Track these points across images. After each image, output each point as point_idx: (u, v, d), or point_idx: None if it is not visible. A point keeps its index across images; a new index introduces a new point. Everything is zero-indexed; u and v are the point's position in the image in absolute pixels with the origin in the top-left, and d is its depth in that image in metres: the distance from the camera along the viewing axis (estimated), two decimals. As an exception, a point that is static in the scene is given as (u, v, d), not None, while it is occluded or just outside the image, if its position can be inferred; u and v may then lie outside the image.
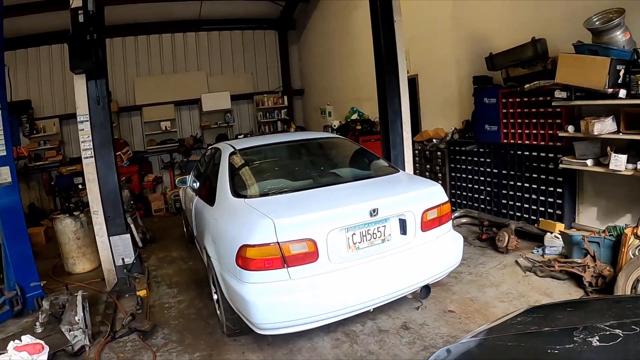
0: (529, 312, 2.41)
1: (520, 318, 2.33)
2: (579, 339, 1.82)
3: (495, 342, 2.17)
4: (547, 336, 2.04)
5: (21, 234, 5.89)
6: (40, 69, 13.38)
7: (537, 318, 2.35)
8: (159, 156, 14.37)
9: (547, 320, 2.28)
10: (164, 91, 14.22)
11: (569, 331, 1.93)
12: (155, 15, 13.77)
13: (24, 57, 13.15)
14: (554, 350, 1.82)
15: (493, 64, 6.96)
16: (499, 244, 6.23)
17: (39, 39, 12.99)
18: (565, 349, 1.80)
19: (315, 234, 3.85)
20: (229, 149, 5.45)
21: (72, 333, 4.47)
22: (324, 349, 4.30)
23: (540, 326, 2.17)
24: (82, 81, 6.04)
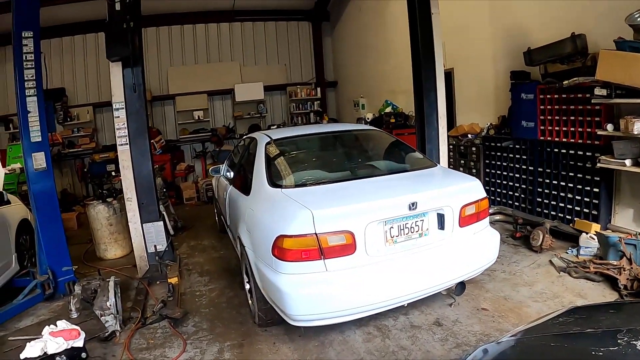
0: (570, 313, 2.35)
1: (562, 318, 2.27)
2: (622, 341, 1.77)
3: (537, 342, 2.12)
4: (590, 338, 1.99)
5: (55, 219, 5.96)
6: (74, 57, 13.59)
7: (580, 319, 2.30)
8: (192, 145, 14.52)
9: (590, 321, 2.23)
10: (197, 81, 14.30)
11: (612, 333, 1.87)
12: (190, 5, 13.88)
13: (59, 46, 13.38)
14: (598, 352, 1.76)
15: (531, 59, 6.82)
16: (533, 242, 6.11)
17: (74, 28, 13.20)
18: (610, 351, 1.74)
19: (353, 226, 3.80)
20: (265, 139, 5.43)
21: (103, 318, 4.51)
22: (356, 342, 4.26)
23: (583, 327, 2.13)
24: (119, 69, 6.10)
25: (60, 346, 3.04)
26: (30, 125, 5.71)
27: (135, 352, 4.41)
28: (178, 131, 14.61)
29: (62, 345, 3.05)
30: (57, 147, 12.72)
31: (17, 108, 5.70)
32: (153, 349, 4.45)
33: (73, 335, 3.14)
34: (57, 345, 3.04)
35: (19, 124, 5.77)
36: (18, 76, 5.63)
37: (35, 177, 5.80)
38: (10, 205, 6.58)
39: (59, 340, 3.06)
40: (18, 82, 5.63)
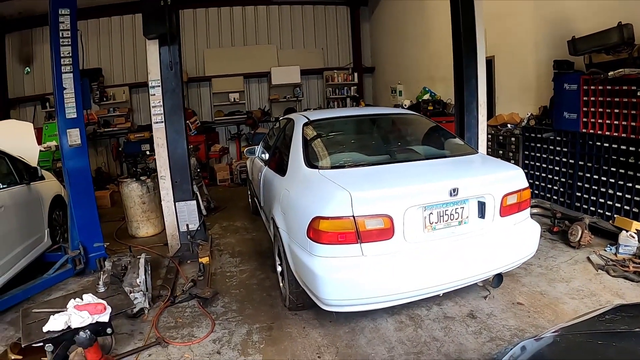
0: (617, 311, 2.23)
1: (609, 316, 2.16)
2: None
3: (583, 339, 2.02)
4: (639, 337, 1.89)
5: (88, 195, 5.99)
6: (111, 38, 13.78)
7: (627, 317, 2.18)
8: (226, 127, 14.64)
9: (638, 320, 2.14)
10: (234, 63, 14.33)
11: None
12: (227, -13, 13.87)
13: (96, 27, 13.58)
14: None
15: (575, 49, 6.62)
16: (571, 238, 5.93)
17: (111, 9, 13.34)
18: None
19: (392, 210, 3.70)
20: (302, 120, 5.34)
21: (132, 295, 4.49)
22: (387, 330, 4.17)
23: (631, 326, 2.03)
24: (155, 47, 6.08)
25: (84, 320, 2.98)
26: (66, 102, 5.74)
27: (163, 330, 4.40)
28: (213, 113, 14.67)
29: (86, 320, 2.99)
30: (93, 126, 12.98)
31: (53, 85, 5.73)
32: (181, 328, 4.44)
33: (98, 309, 3.07)
34: (82, 319, 2.98)
35: (55, 100, 5.78)
36: (54, 53, 5.64)
37: (70, 153, 5.83)
38: (45, 181, 6.66)
39: (83, 314, 3.00)
40: (54, 59, 5.65)
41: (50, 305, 3.69)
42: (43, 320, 3.20)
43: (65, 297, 3.87)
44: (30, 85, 13.44)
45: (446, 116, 9.82)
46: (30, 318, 3.49)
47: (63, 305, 3.34)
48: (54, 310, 3.26)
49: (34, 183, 6.23)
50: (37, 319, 3.40)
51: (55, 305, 3.59)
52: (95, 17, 13.39)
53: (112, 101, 13.68)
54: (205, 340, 4.20)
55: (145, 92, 5.91)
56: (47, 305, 3.76)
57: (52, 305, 3.61)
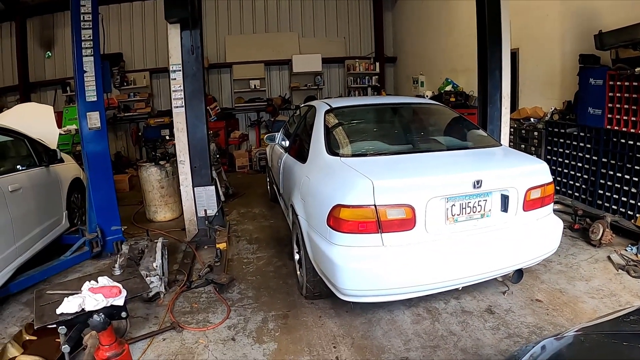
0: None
1: (634, 317, 2.07)
2: None
3: (607, 340, 1.95)
4: None
5: (106, 178, 6.01)
6: (132, 23, 13.82)
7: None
8: (247, 114, 14.61)
9: None
10: (255, 50, 14.33)
11: None
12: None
13: (117, 12, 13.62)
14: None
15: (602, 43, 6.48)
16: (592, 236, 5.83)
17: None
18: None
19: (415, 200, 3.63)
20: (324, 107, 5.29)
21: (148, 279, 4.49)
22: (404, 323, 4.13)
23: None
24: (176, 31, 6.05)
25: (99, 303, 2.94)
26: (86, 85, 5.73)
27: (178, 315, 4.40)
28: (233, 99, 14.66)
29: (100, 303, 2.94)
30: (113, 110, 13.06)
31: (74, 68, 5.73)
32: (196, 313, 4.43)
33: (113, 292, 3.03)
34: (96, 302, 2.93)
35: (75, 83, 5.79)
36: (75, 36, 5.64)
37: (89, 136, 5.84)
38: (64, 163, 6.69)
39: (98, 297, 2.96)
40: (75, 42, 5.65)
41: (65, 287, 3.66)
42: (57, 302, 3.15)
43: (80, 279, 3.83)
44: (51, 69, 13.54)
45: (468, 108, 9.70)
46: (43, 299, 3.45)
47: (78, 288, 3.29)
48: (68, 292, 3.22)
49: (53, 165, 6.26)
50: (51, 300, 3.36)
51: (70, 287, 3.55)
52: (116, 3, 13.47)
53: (132, 86, 13.75)
54: (221, 326, 4.19)
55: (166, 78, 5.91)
56: (62, 287, 3.72)
57: (67, 287, 3.58)
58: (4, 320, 4.46)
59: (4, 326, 4.33)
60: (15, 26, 13.13)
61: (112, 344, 2.66)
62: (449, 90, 10.79)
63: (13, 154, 5.89)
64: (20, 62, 13.24)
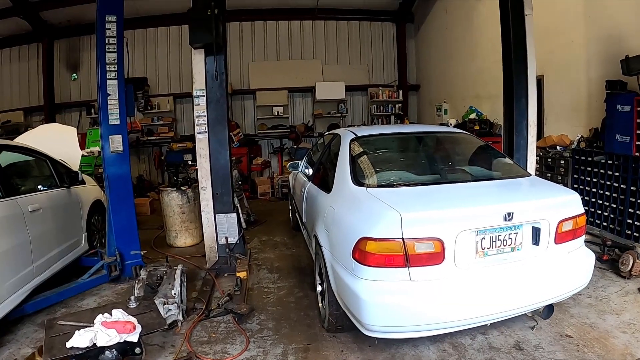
0: None
1: None
2: None
3: None
4: None
5: (127, 202, 6.03)
6: (157, 48, 14.10)
7: None
8: (269, 141, 14.70)
9: None
10: (278, 77, 14.45)
11: None
12: (273, 2, 14.09)
13: (143, 37, 13.94)
14: None
15: (629, 68, 6.41)
16: (622, 267, 5.66)
17: (158, 20, 13.71)
18: None
19: (444, 233, 3.53)
20: (350, 135, 5.23)
21: (166, 307, 4.44)
22: (429, 359, 3.98)
23: None
24: (201, 56, 6.08)
25: (111, 339, 2.86)
26: (110, 108, 5.80)
27: (196, 344, 4.31)
28: (257, 126, 14.78)
29: (113, 339, 2.86)
30: (136, 134, 13.24)
31: (98, 90, 5.80)
32: (214, 344, 4.33)
33: (127, 328, 2.95)
34: (109, 337, 2.85)
35: (99, 106, 5.86)
36: (100, 59, 5.72)
37: (111, 159, 5.88)
38: (85, 185, 6.72)
39: (111, 332, 2.88)
40: (100, 65, 5.73)
41: (77, 318, 3.60)
42: (68, 334, 3.08)
43: (94, 310, 3.78)
44: (77, 91, 13.79)
45: (493, 136, 9.66)
46: (54, 330, 3.40)
47: (90, 319, 3.22)
48: (80, 325, 3.15)
49: (74, 187, 6.28)
50: (62, 332, 3.29)
51: (83, 318, 3.48)
52: (142, 28, 13.74)
53: (156, 110, 13.94)
54: (239, 358, 4.08)
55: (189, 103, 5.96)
56: (74, 317, 3.67)
57: (79, 319, 3.51)
58: (17, 340, 4.41)
59: (17, 347, 4.27)
60: (42, 47, 13.48)
61: None
62: (472, 119, 10.69)
63: (34, 174, 5.94)
64: (46, 83, 13.56)
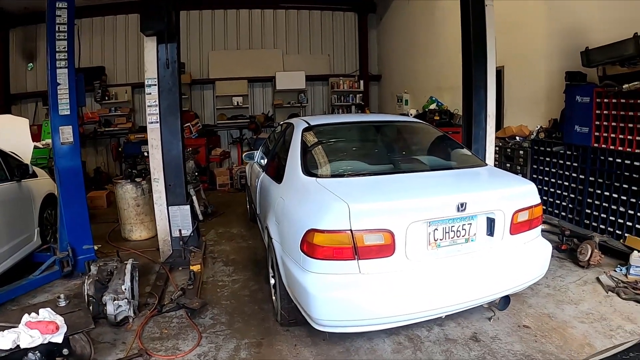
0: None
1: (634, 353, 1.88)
2: None
3: None
4: None
5: (79, 195, 5.90)
6: (116, 37, 13.76)
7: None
8: (229, 131, 14.58)
9: None
10: (238, 67, 14.32)
11: None
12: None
13: (101, 25, 13.58)
14: None
15: (589, 60, 6.44)
16: (580, 257, 5.71)
17: (115, 8, 13.32)
18: None
19: (394, 225, 3.45)
20: (302, 124, 5.16)
21: (116, 302, 4.35)
22: (384, 352, 3.94)
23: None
24: (153, 44, 5.97)
25: (34, 340, 2.72)
26: (60, 98, 5.68)
27: (147, 341, 4.21)
28: (216, 116, 14.64)
29: (36, 340, 2.72)
30: (94, 125, 13.04)
31: (48, 80, 5.66)
32: (166, 340, 4.24)
33: (50, 329, 2.80)
34: (31, 338, 2.71)
35: (49, 96, 5.72)
36: (49, 48, 5.57)
37: (62, 151, 5.74)
38: (37, 178, 6.56)
39: (34, 333, 2.73)
40: (49, 53, 5.58)
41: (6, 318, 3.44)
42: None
43: (23, 309, 3.62)
44: (33, 81, 13.40)
45: (453, 127, 9.69)
46: None
47: (18, 320, 3.07)
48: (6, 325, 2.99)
49: (25, 180, 6.11)
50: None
51: (11, 318, 3.31)
52: (100, 15, 13.40)
53: (114, 100, 13.63)
54: (190, 354, 3.99)
55: (149, 93, 5.92)
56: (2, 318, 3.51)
57: (7, 319, 3.34)
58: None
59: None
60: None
61: None
62: (433, 109, 10.77)
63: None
64: (2, 73, 13.15)
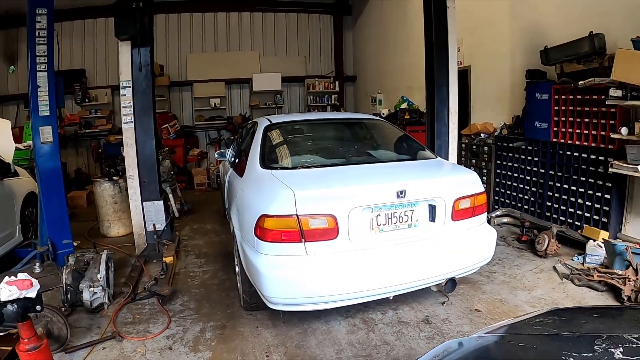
0: (551, 314, 2.19)
1: (540, 319, 2.11)
2: (600, 348, 1.61)
3: (508, 341, 1.99)
4: (564, 341, 1.83)
5: (58, 192, 6.02)
6: (96, 40, 13.78)
7: (559, 321, 2.13)
8: (207, 132, 14.66)
9: (570, 324, 2.08)
10: (216, 68, 14.41)
11: (590, 338, 1.72)
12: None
13: (81, 28, 13.61)
14: (568, 357, 1.60)
15: (548, 58, 6.63)
16: (538, 247, 5.95)
17: (95, 11, 13.33)
18: (582, 357, 1.59)
19: (336, 209, 3.71)
20: (265, 122, 5.40)
21: (92, 289, 4.56)
22: (339, 333, 4.19)
23: (560, 330, 1.97)
24: (127, 48, 6.18)
25: (12, 294, 2.99)
26: (40, 100, 5.83)
27: (120, 325, 4.45)
28: (194, 117, 14.74)
29: (14, 294, 3.01)
30: (74, 126, 13.03)
31: (28, 82, 5.83)
32: (138, 324, 4.48)
33: (26, 285, 3.10)
34: (10, 292, 3.01)
35: (30, 98, 5.88)
36: (30, 52, 5.71)
37: (42, 150, 5.88)
38: (18, 177, 6.69)
39: (12, 289, 3.02)
40: (30, 57, 5.72)
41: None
42: None
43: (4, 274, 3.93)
44: (14, 83, 13.32)
45: (422, 125, 9.61)
46: None
47: None
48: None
49: (7, 179, 6.27)
50: None
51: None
52: (80, 19, 13.42)
53: (94, 102, 13.67)
54: (159, 336, 4.24)
55: (125, 93, 6.12)
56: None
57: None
58: None
59: None
60: (-21, 39, 13.07)
61: (31, 337, 2.77)
62: (404, 108, 10.91)
63: (-36, 166, 5.86)
64: (-17, 75, 13.12)
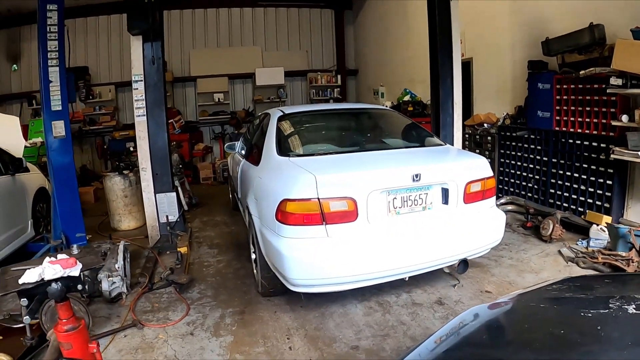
0: (565, 282, 2.34)
1: (556, 286, 2.27)
2: (614, 305, 1.75)
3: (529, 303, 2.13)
4: (581, 301, 1.99)
5: (71, 186, 6.08)
6: (98, 37, 13.80)
7: (573, 287, 2.29)
8: (211, 127, 14.72)
9: (584, 289, 2.22)
10: (219, 64, 14.43)
11: (604, 299, 1.87)
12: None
13: (84, 26, 13.60)
14: (587, 313, 1.77)
15: (549, 49, 6.75)
16: (543, 232, 6.07)
17: (98, 9, 13.39)
18: (600, 313, 1.74)
19: (356, 193, 3.84)
20: (278, 113, 5.49)
21: (110, 279, 4.63)
22: (356, 315, 4.30)
23: (576, 293, 2.13)
24: (139, 42, 6.26)
25: (56, 272, 3.08)
26: (52, 94, 5.84)
27: (140, 314, 4.53)
28: (198, 112, 14.76)
29: (58, 272, 3.08)
30: (79, 124, 13.06)
31: (40, 78, 5.84)
32: (157, 312, 4.57)
33: (69, 263, 3.17)
34: (54, 271, 3.07)
35: (41, 93, 5.90)
36: (42, 47, 5.76)
37: (54, 144, 5.92)
38: (29, 173, 6.75)
39: (56, 268, 3.10)
40: (42, 53, 5.77)
41: (27, 263, 4.00)
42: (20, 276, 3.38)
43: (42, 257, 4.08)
44: (17, 82, 13.42)
45: (425, 117, 9.91)
46: (8, 274, 3.86)
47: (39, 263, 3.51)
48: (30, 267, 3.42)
49: (18, 174, 6.32)
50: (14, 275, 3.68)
51: (33, 263, 3.89)
52: (83, 16, 13.43)
53: (98, 99, 13.71)
54: (180, 322, 4.33)
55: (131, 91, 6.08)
56: (24, 263, 4.06)
57: (30, 264, 3.93)
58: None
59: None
60: (-19, 38, 13.10)
61: (69, 317, 2.80)
62: (407, 100, 11.01)
63: (-23, 162, 5.92)
64: (-14, 74, 13.16)
